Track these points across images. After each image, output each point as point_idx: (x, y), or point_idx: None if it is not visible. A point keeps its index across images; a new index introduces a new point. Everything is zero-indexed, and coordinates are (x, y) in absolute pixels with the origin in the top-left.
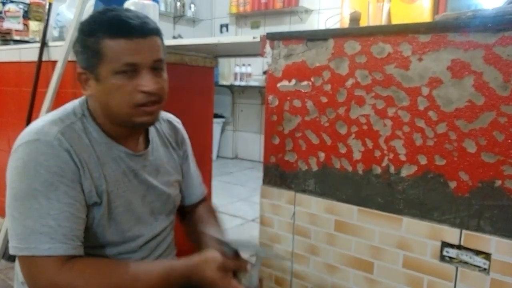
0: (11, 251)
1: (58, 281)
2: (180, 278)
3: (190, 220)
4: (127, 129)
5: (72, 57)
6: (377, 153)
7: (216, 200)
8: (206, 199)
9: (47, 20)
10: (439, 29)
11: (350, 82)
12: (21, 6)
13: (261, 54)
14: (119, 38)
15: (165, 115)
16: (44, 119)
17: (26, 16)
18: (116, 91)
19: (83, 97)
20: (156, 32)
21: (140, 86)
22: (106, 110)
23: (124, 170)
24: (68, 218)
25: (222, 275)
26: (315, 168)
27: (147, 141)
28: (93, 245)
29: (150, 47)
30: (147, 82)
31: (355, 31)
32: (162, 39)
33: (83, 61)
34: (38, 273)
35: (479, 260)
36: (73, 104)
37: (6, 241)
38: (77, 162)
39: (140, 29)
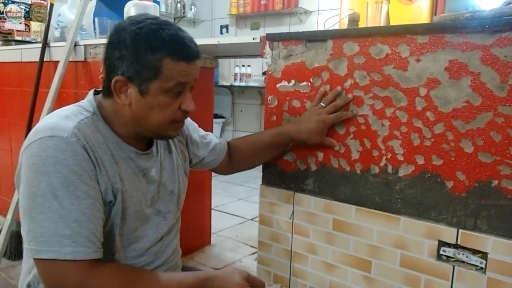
0: (28, 254)
1: (87, 285)
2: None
3: (241, 155)
4: (140, 133)
5: (73, 57)
6: (375, 153)
7: (216, 199)
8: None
9: (49, 21)
10: (437, 30)
11: (348, 82)
12: (22, 6)
13: (260, 55)
14: (181, 61)
15: None
16: (56, 114)
17: (28, 16)
18: (161, 108)
19: (90, 97)
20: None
21: (182, 105)
22: (139, 122)
23: (134, 170)
24: (90, 219)
25: (245, 285)
26: (313, 167)
27: (150, 139)
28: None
29: (197, 69)
30: (188, 102)
31: (353, 32)
32: None
33: (131, 72)
34: (63, 277)
35: (475, 259)
36: (81, 102)
37: (7, 240)
38: (93, 159)
39: (196, 54)
